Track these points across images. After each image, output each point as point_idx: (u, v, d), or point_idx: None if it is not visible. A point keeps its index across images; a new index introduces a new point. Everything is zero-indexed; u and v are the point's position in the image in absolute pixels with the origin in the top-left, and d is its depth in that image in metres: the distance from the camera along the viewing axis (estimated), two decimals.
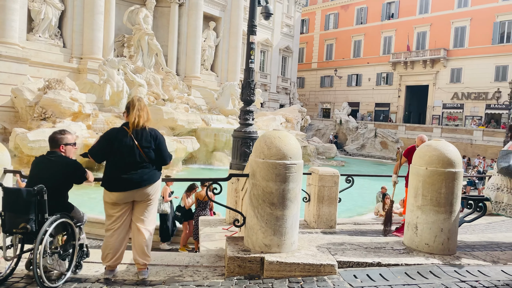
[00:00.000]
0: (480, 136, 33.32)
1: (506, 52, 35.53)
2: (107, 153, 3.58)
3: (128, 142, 3.57)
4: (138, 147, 3.59)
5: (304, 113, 36.09)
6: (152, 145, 3.66)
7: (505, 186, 4.25)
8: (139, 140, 3.61)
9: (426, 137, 6.48)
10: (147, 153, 3.64)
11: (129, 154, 3.55)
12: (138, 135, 3.62)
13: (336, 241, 4.32)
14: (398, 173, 6.59)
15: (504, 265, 3.98)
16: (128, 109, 3.71)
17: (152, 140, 3.67)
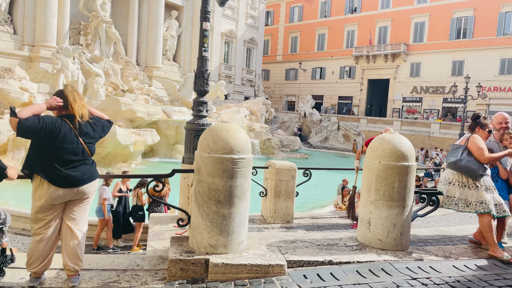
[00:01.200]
0: (437, 129, 34.48)
1: (463, 48, 36.85)
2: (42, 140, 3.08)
3: (71, 138, 3.17)
4: (82, 144, 3.22)
5: (269, 105, 36.03)
6: (97, 137, 3.33)
7: (457, 180, 4.21)
8: (83, 136, 3.24)
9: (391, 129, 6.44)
10: (91, 148, 3.29)
11: (72, 152, 3.16)
12: (82, 130, 3.24)
13: (288, 238, 4.14)
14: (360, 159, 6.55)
15: (455, 260, 3.93)
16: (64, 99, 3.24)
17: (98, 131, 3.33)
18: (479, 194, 4.08)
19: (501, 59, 34.96)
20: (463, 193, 4.16)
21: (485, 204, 4.04)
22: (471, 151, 4.14)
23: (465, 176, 4.15)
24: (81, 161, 3.20)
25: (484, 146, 4.18)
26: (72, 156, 3.15)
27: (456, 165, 4.13)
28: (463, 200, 4.15)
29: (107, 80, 24.71)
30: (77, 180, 3.16)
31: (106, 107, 20.08)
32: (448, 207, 4.24)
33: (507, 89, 34.64)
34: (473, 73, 32.97)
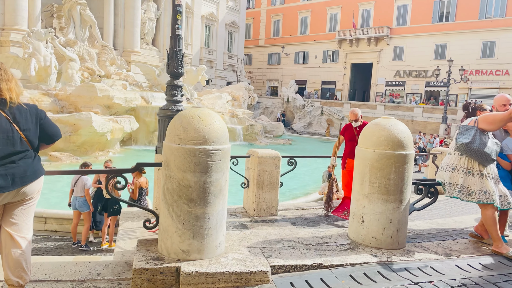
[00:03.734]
0: (420, 113, 34.51)
1: (445, 31, 36.74)
2: None
3: (4, 126, 2.61)
4: (18, 131, 2.65)
5: (251, 90, 35.45)
6: (34, 126, 2.74)
7: (461, 166, 3.79)
8: (17, 122, 2.67)
9: (358, 110, 6.17)
10: (29, 138, 2.72)
11: (6, 142, 2.60)
12: (15, 115, 2.67)
13: (272, 237, 3.68)
14: (336, 155, 6.27)
15: (457, 258, 3.55)
16: None
17: (33, 118, 2.75)
18: (483, 183, 3.69)
19: (482, 42, 35.02)
20: (466, 180, 3.75)
21: (489, 194, 3.66)
22: (485, 127, 3.71)
23: (472, 161, 3.74)
24: (21, 154, 2.65)
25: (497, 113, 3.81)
26: (9, 148, 2.59)
27: (468, 147, 3.71)
28: (466, 188, 3.75)
29: (83, 65, 23.67)
30: (17, 179, 2.61)
31: (81, 93, 19.20)
32: (451, 196, 3.83)
33: (488, 72, 34.79)
34: (455, 57, 32.96)
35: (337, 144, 6.26)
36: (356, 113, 6.09)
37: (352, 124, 6.10)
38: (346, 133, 6.19)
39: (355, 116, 6.06)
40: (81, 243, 7.91)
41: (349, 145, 6.12)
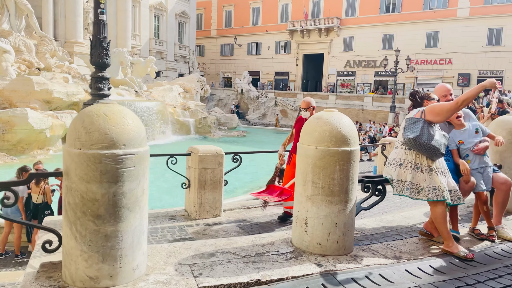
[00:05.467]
0: (370, 102, 35.26)
1: (392, 22, 37.68)
2: None
3: None
4: None
5: (204, 82, 34.67)
6: None
7: (409, 161, 3.52)
8: None
9: (311, 99, 5.54)
10: None
11: None
12: None
13: (206, 250, 3.24)
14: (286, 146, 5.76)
15: (407, 261, 3.29)
16: None
17: None
18: (433, 179, 3.44)
19: (427, 32, 36.24)
20: (415, 176, 3.48)
21: (439, 190, 3.42)
22: (432, 118, 3.44)
23: (420, 156, 3.47)
24: None
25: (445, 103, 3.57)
26: None
27: (416, 141, 3.42)
28: (415, 185, 3.49)
29: (19, 57, 21.91)
30: None
31: (16, 88, 17.70)
32: (400, 194, 3.56)
33: (432, 61, 36.13)
34: (402, 47, 33.87)
35: (289, 137, 5.76)
36: (308, 102, 5.45)
37: (302, 114, 5.58)
38: (297, 125, 5.67)
39: (306, 105, 5.43)
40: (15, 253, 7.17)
41: (297, 138, 5.62)
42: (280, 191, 5.05)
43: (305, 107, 5.41)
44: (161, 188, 10.65)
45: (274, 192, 5.13)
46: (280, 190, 5.05)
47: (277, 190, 5.16)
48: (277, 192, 5.11)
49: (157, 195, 9.86)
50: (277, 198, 4.93)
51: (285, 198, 4.93)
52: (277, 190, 5.16)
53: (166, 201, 8.64)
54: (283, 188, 5.06)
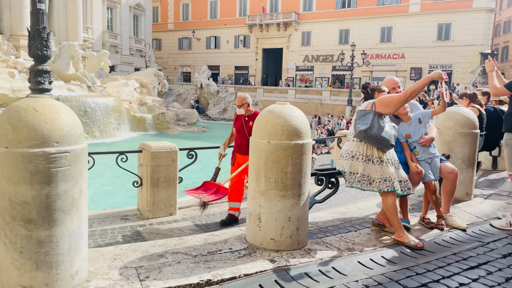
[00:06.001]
0: (328, 96, 35.92)
1: (348, 17, 38.47)
2: None
3: None
4: None
5: (161, 77, 33.85)
6: None
7: (361, 153, 3.52)
8: None
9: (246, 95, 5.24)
10: None
11: None
12: None
13: (155, 250, 3.09)
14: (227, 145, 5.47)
15: (360, 253, 3.29)
16: None
17: None
18: (383, 170, 3.46)
19: (381, 27, 37.29)
20: (366, 168, 3.49)
21: (389, 182, 3.45)
22: (382, 110, 3.46)
23: (371, 148, 3.49)
24: None
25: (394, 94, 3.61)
26: None
27: (367, 133, 3.42)
28: (366, 177, 3.50)
29: None
30: None
31: None
32: (351, 186, 3.55)
33: (386, 56, 37.26)
34: (358, 42, 34.63)
35: (230, 136, 5.51)
36: (242, 98, 5.15)
37: (237, 111, 5.27)
38: (236, 123, 5.37)
39: (240, 101, 5.12)
40: None
41: (237, 137, 5.33)
42: (216, 188, 4.70)
43: (240, 104, 5.14)
44: (114, 187, 10.25)
45: (210, 189, 4.77)
46: (216, 188, 4.70)
47: (213, 187, 4.80)
48: (213, 189, 4.76)
49: (109, 195, 9.48)
50: (213, 197, 4.59)
51: (220, 197, 4.65)
52: (213, 187, 4.80)
53: (118, 200, 8.32)
54: (219, 186, 4.72)
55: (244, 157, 5.02)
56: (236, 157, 5.29)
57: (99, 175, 10.88)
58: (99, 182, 10.74)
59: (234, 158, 5.29)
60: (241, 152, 5.14)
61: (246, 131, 5.04)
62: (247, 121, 5.13)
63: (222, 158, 5.45)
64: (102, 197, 9.17)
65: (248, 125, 5.02)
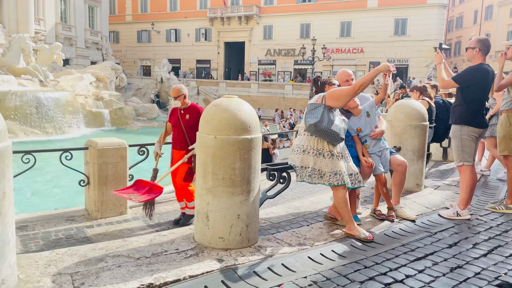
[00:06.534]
0: (291, 90, 36.18)
1: (309, 11, 38.81)
2: None
3: None
4: None
5: (119, 70, 32.84)
6: None
7: (312, 147, 3.48)
8: None
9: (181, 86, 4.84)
10: None
11: None
12: None
13: (95, 254, 2.90)
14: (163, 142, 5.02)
15: (311, 247, 3.26)
16: None
17: None
18: (334, 164, 3.44)
19: (341, 22, 37.92)
20: (317, 162, 3.46)
21: (339, 175, 3.43)
22: (332, 104, 3.42)
23: (322, 142, 3.45)
24: None
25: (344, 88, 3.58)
26: None
27: (317, 127, 3.38)
28: (317, 171, 3.47)
29: None
30: None
31: None
32: (302, 180, 3.51)
33: (346, 50, 37.96)
34: (318, 36, 35.00)
35: (164, 132, 5.04)
36: (177, 89, 4.78)
37: (172, 104, 4.91)
38: (172, 117, 4.96)
39: (175, 93, 4.75)
40: None
41: (173, 132, 4.96)
42: (149, 187, 4.29)
43: (175, 96, 4.77)
44: (61, 187, 9.75)
45: (142, 188, 4.33)
46: (149, 187, 4.30)
47: (145, 186, 4.37)
48: (145, 188, 4.31)
49: (55, 195, 9.03)
50: (145, 197, 4.17)
51: (153, 196, 4.23)
52: (145, 186, 4.37)
53: (66, 201, 7.94)
54: (152, 184, 4.33)
55: (180, 153, 4.77)
56: (173, 154, 4.95)
57: (45, 174, 10.39)
58: (45, 182, 10.24)
59: (172, 155, 4.95)
60: (177, 147, 4.85)
61: (183, 125, 4.74)
62: (183, 114, 4.79)
63: (159, 158, 4.97)
64: (48, 197, 8.72)
65: (185, 119, 4.75)
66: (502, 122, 4.44)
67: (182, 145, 4.79)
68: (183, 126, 4.75)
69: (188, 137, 4.73)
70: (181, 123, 4.77)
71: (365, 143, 3.98)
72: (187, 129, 4.73)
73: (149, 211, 4.67)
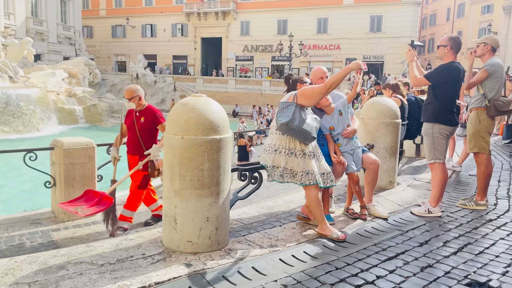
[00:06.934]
0: (268, 86, 36.15)
1: (286, 7, 38.81)
2: None
3: None
4: None
5: (93, 66, 32.12)
6: None
7: (283, 147, 3.42)
8: None
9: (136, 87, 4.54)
10: None
11: None
12: None
13: (56, 261, 2.76)
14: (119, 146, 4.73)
15: (282, 249, 3.20)
16: None
17: None
18: (306, 163, 3.39)
19: (317, 18, 38.08)
20: (289, 161, 3.40)
21: (311, 175, 3.38)
22: (304, 102, 3.36)
23: (293, 141, 3.39)
24: None
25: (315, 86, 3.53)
26: None
27: (288, 126, 3.31)
28: (289, 170, 3.42)
29: None
30: None
31: None
32: (273, 180, 3.44)
33: (323, 46, 38.18)
34: (295, 32, 35.10)
35: (120, 135, 4.73)
36: (131, 90, 4.49)
37: (126, 106, 4.56)
38: (127, 119, 4.68)
39: (130, 94, 4.45)
40: None
41: (128, 135, 4.68)
42: (99, 198, 4.00)
43: (129, 97, 4.47)
44: (28, 189, 9.39)
45: (92, 199, 4.03)
46: (99, 197, 4.01)
47: (95, 196, 4.08)
48: (95, 199, 4.03)
49: (22, 197, 8.69)
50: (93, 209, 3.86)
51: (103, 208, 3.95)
52: (95, 196, 4.08)
53: (33, 203, 7.65)
54: (102, 195, 4.05)
55: (133, 158, 4.56)
56: (128, 159, 4.70)
57: (13, 174, 10.02)
58: (9, 183, 9.86)
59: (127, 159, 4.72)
60: (130, 151, 4.63)
61: (137, 129, 4.49)
62: (138, 117, 4.53)
63: (117, 162, 4.68)
64: (12, 200, 8.36)
65: (139, 122, 4.50)
66: (472, 120, 4.49)
67: (134, 149, 4.55)
68: (137, 129, 4.49)
69: (142, 141, 4.49)
70: (135, 126, 4.50)
71: (337, 142, 3.94)
72: (141, 133, 4.49)
73: (111, 226, 4.31)
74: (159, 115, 4.60)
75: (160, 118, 4.59)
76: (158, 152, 4.40)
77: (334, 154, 3.84)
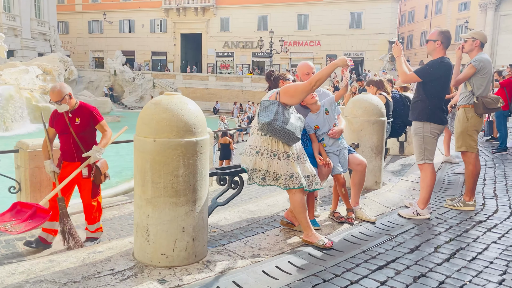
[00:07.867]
0: (249, 83, 35.86)
1: (266, 3, 38.57)
2: None
3: None
4: None
5: (69, 62, 31.20)
6: None
7: (266, 148, 3.18)
8: None
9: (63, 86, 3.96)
10: None
11: None
12: None
13: (13, 281, 2.46)
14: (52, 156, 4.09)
15: (266, 259, 2.96)
16: None
17: None
18: (290, 166, 3.16)
19: (298, 15, 37.98)
20: (271, 164, 3.17)
21: (296, 178, 3.15)
22: (287, 100, 3.13)
23: (276, 142, 3.16)
24: None
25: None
26: None
27: (271, 126, 3.07)
28: (272, 173, 3.18)
29: None
30: None
31: None
32: (253, 182, 3.20)
33: (304, 43, 38.13)
34: (276, 28, 34.89)
35: (47, 141, 4.10)
36: (58, 91, 3.90)
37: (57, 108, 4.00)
38: (57, 124, 4.08)
39: (58, 96, 3.88)
40: None
41: (61, 141, 4.11)
42: (33, 211, 3.52)
43: (58, 99, 3.91)
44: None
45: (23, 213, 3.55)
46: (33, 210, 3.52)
47: (27, 209, 3.54)
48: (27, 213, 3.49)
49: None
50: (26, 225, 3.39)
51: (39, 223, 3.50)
52: (27, 209, 3.54)
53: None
54: (36, 207, 3.56)
55: (76, 164, 4.01)
56: (63, 167, 4.10)
57: None
58: None
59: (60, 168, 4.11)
60: (68, 158, 4.06)
61: (73, 132, 3.98)
62: (72, 118, 4.00)
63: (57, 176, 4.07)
64: None
65: (75, 124, 3.99)
66: (460, 118, 4.35)
67: (74, 156, 4.02)
68: (73, 133, 3.97)
69: (82, 145, 4.00)
70: (71, 130, 3.98)
71: (322, 141, 3.72)
72: (79, 136, 3.99)
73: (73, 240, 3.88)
74: (96, 113, 4.11)
75: (97, 116, 4.10)
76: (99, 154, 4.00)
77: (319, 155, 3.62)
